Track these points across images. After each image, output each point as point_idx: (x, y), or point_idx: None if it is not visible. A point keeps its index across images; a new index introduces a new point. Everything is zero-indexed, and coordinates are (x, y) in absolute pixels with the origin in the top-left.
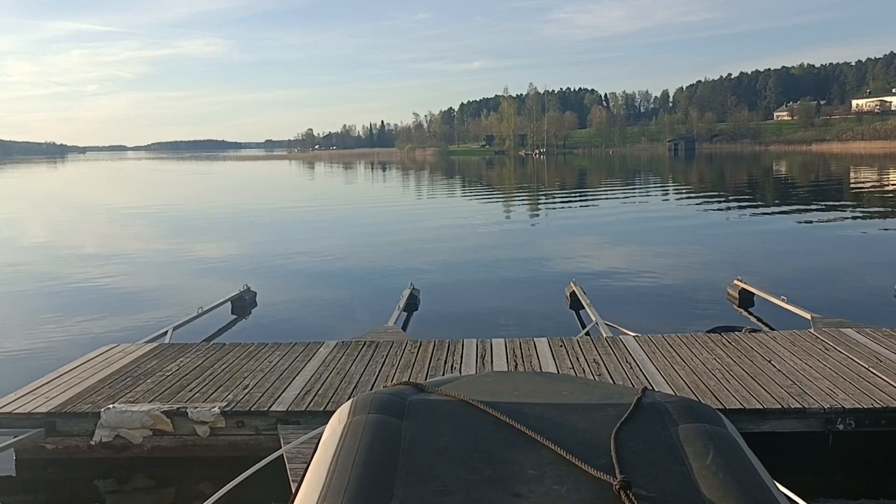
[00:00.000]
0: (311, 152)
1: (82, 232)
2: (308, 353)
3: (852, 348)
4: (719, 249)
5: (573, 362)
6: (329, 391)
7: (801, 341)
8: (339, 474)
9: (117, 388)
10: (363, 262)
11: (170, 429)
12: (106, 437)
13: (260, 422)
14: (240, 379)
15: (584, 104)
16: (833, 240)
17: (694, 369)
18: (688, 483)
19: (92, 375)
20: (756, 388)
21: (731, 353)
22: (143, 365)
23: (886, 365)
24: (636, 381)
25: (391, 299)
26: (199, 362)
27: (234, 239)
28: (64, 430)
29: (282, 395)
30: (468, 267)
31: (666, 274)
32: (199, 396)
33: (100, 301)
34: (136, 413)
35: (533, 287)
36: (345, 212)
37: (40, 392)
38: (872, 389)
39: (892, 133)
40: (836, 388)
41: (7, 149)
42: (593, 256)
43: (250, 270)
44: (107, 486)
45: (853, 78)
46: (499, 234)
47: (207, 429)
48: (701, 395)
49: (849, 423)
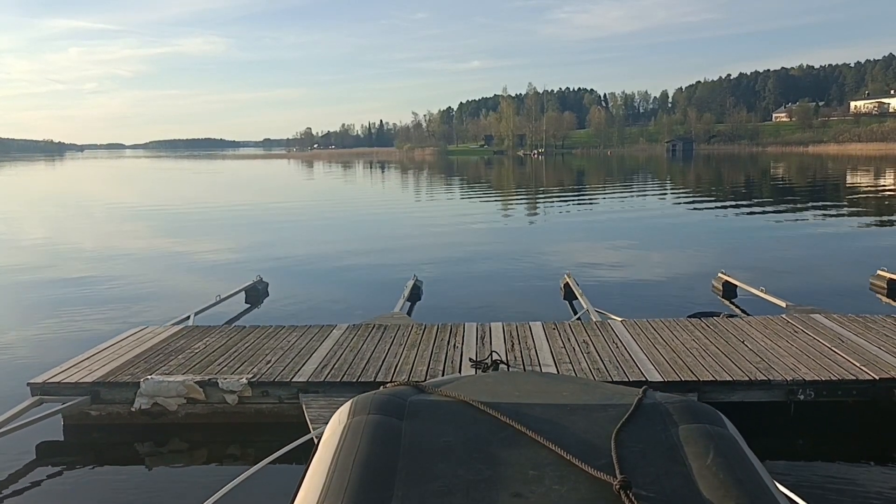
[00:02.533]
0: (310, 151)
1: (104, 230)
2: (322, 335)
3: (819, 331)
4: (708, 246)
5: (564, 343)
6: (344, 365)
7: (773, 325)
8: (339, 475)
9: (152, 362)
10: (367, 256)
11: (202, 397)
12: (145, 405)
13: (283, 391)
14: (262, 355)
15: (583, 104)
16: (817, 236)
17: (674, 349)
18: (688, 483)
19: (128, 352)
20: (728, 364)
21: (707, 334)
22: (172, 343)
23: (847, 345)
24: (621, 359)
25: (395, 290)
26: (223, 342)
27: (244, 234)
28: (107, 399)
29: (301, 369)
30: (468, 261)
31: (656, 268)
32: (227, 370)
33: (125, 290)
34: (172, 383)
35: (529, 279)
36: (347, 210)
37: (83, 365)
38: (832, 365)
39: (888, 135)
40: (799, 364)
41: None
42: (588, 252)
43: (261, 263)
44: (145, 449)
45: (852, 79)
46: (497, 231)
47: (236, 397)
48: (678, 370)
49: (809, 393)
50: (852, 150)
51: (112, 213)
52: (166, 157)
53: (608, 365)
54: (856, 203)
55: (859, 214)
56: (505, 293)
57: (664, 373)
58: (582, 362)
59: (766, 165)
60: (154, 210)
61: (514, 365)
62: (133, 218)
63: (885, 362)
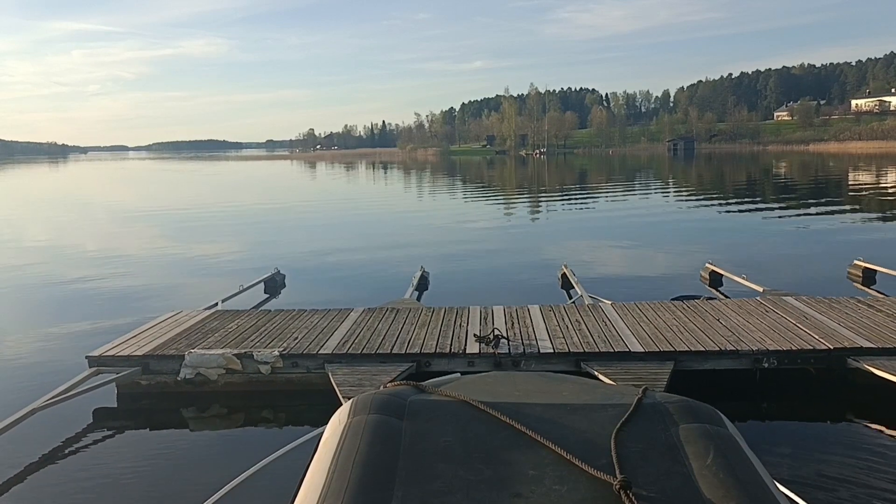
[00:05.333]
0: (313, 152)
1: (132, 232)
2: (342, 316)
3: (787, 310)
4: (702, 241)
5: (559, 322)
6: (363, 340)
7: (747, 306)
8: (339, 475)
9: (192, 339)
10: (376, 251)
11: (239, 368)
12: (189, 375)
13: (310, 362)
14: (289, 333)
15: (584, 104)
16: (805, 231)
17: (656, 326)
18: (688, 483)
19: (170, 330)
20: (702, 337)
21: (687, 314)
22: (207, 324)
23: (811, 321)
24: (608, 334)
25: (404, 281)
26: (252, 322)
27: (259, 232)
28: (156, 370)
29: (326, 343)
30: (471, 255)
31: (650, 261)
32: (259, 345)
33: (157, 281)
34: (213, 356)
35: (528, 270)
36: (354, 209)
37: (133, 341)
38: (794, 338)
39: (889, 133)
40: (765, 337)
41: (9, 149)
42: (586, 247)
43: (277, 258)
44: (189, 414)
45: (853, 78)
46: (499, 228)
47: (269, 368)
48: (658, 342)
49: (772, 362)
50: (853, 148)
51: (136, 217)
52: (170, 159)
53: (597, 339)
54: (847, 199)
55: (850, 211)
56: (506, 283)
57: (645, 345)
58: (574, 337)
59: (766, 164)
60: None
61: (514, 340)
62: (156, 221)
63: (841, 335)
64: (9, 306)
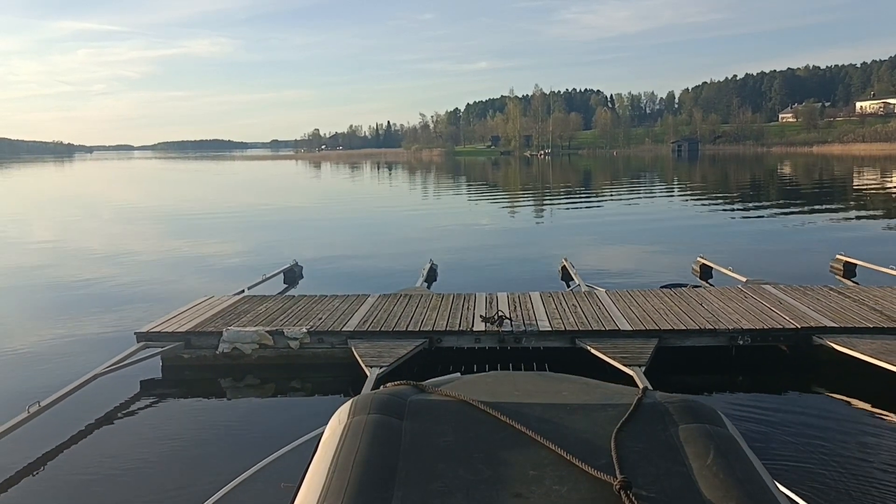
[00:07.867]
0: (318, 152)
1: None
2: (360, 301)
3: (763, 296)
4: (699, 237)
5: (557, 306)
6: (381, 320)
7: (728, 292)
8: (339, 475)
9: (228, 318)
10: (387, 246)
11: (271, 343)
12: (226, 350)
13: (335, 339)
14: (314, 314)
15: (589, 105)
16: (797, 228)
17: (644, 309)
18: (688, 483)
19: (207, 311)
20: (685, 319)
21: (673, 299)
22: (238, 307)
23: (784, 305)
24: (600, 315)
25: (414, 272)
26: (279, 306)
27: (274, 229)
28: (196, 345)
29: (348, 322)
30: (477, 249)
31: (647, 255)
32: (288, 324)
33: (187, 270)
34: (248, 332)
35: (531, 262)
36: (363, 207)
37: (175, 320)
38: (767, 319)
39: (892, 135)
40: (741, 319)
41: (15, 148)
42: (587, 243)
43: (293, 252)
44: (226, 384)
45: (858, 80)
46: (504, 225)
47: (298, 343)
48: (644, 322)
49: (746, 339)
50: (856, 150)
51: (159, 217)
52: (176, 159)
53: (590, 320)
54: (842, 200)
55: (843, 209)
56: (510, 274)
57: (633, 324)
58: (570, 318)
59: (769, 165)
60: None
61: (516, 320)
62: (176, 220)
63: (809, 316)
64: (66, 291)
